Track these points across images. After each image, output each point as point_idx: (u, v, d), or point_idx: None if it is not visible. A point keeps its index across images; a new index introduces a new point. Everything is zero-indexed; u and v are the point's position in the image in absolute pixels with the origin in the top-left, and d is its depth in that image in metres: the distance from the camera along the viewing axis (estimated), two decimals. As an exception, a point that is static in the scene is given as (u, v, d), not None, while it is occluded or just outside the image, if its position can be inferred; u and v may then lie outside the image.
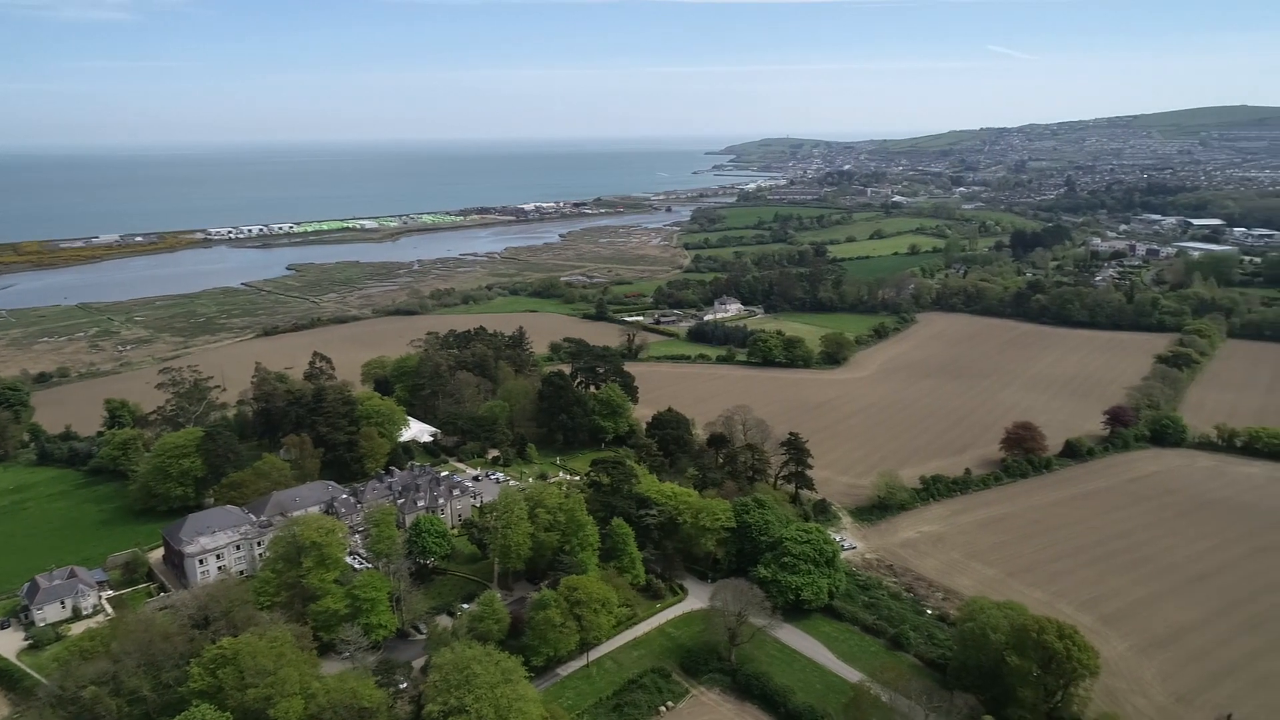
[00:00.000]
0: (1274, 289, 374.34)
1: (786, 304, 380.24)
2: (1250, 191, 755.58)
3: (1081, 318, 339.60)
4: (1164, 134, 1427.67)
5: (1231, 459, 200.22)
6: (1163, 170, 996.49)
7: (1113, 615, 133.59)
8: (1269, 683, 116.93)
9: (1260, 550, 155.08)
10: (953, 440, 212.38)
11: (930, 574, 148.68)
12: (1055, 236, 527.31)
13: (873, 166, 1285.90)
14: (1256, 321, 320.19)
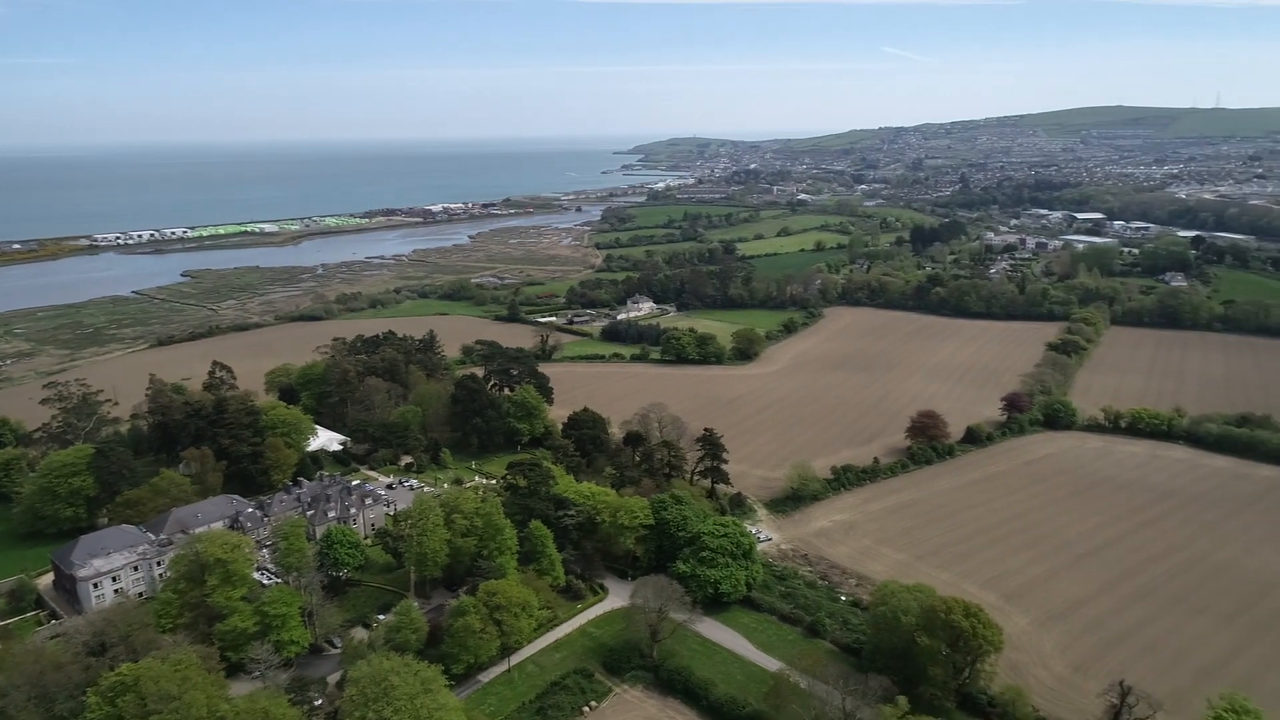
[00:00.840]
0: (1150, 278, 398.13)
1: (698, 301, 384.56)
2: (1127, 186, 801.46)
3: (978, 309, 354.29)
4: (1049, 133, 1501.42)
5: (1117, 439, 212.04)
6: (1048, 167, 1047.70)
7: (1014, 592, 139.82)
8: (1156, 648, 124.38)
9: (1144, 524, 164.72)
10: (861, 430, 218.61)
11: (843, 561, 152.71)
12: (952, 231, 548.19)
13: (778, 165, 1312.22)
14: (1136, 309, 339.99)
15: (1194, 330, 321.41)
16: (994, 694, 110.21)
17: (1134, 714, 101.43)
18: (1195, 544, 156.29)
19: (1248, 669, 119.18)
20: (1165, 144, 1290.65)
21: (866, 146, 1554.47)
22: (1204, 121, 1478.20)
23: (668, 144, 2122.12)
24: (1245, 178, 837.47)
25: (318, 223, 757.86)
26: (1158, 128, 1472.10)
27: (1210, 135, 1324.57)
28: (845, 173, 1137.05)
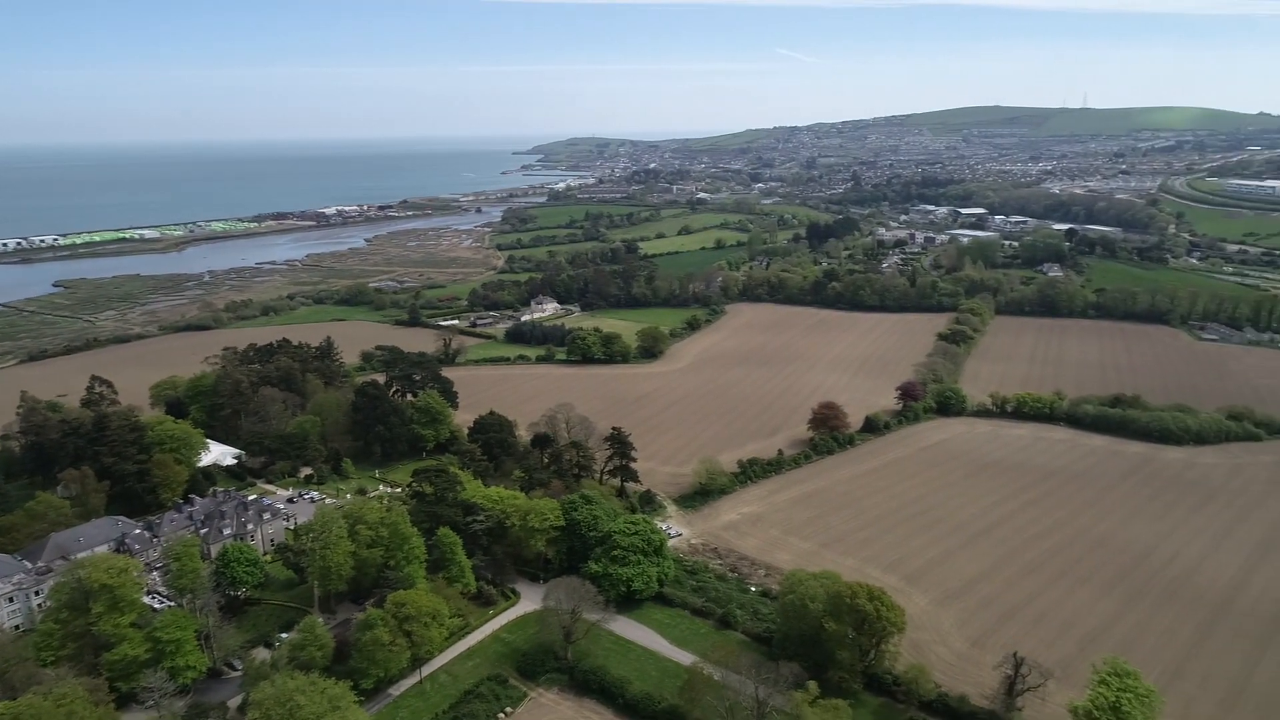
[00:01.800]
0: (1030, 269, 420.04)
1: (602, 301, 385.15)
2: (1006, 183, 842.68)
3: (872, 302, 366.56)
4: (934, 132, 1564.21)
5: (1004, 423, 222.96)
6: (934, 165, 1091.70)
7: (914, 574, 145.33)
8: (1045, 619, 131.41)
9: (1031, 503, 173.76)
10: (766, 423, 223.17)
11: (752, 553, 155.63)
12: (845, 228, 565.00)
13: (677, 165, 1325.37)
14: (1018, 299, 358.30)
15: (1070, 318, 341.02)
16: (898, 673, 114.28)
17: (1027, 683, 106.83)
18: (1077, 519, 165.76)
19: (1125, 634, 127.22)
20: (1039, 142, 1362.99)
21: (762, 146, 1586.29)
22: (1073, 120, 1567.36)
23: (567, 144, 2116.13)
24: (1111, 173, 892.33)
25: (203, 228, 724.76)
26: (1032, 126, 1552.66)
27: (1079, 133, 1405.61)
28: (743, 171, 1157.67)
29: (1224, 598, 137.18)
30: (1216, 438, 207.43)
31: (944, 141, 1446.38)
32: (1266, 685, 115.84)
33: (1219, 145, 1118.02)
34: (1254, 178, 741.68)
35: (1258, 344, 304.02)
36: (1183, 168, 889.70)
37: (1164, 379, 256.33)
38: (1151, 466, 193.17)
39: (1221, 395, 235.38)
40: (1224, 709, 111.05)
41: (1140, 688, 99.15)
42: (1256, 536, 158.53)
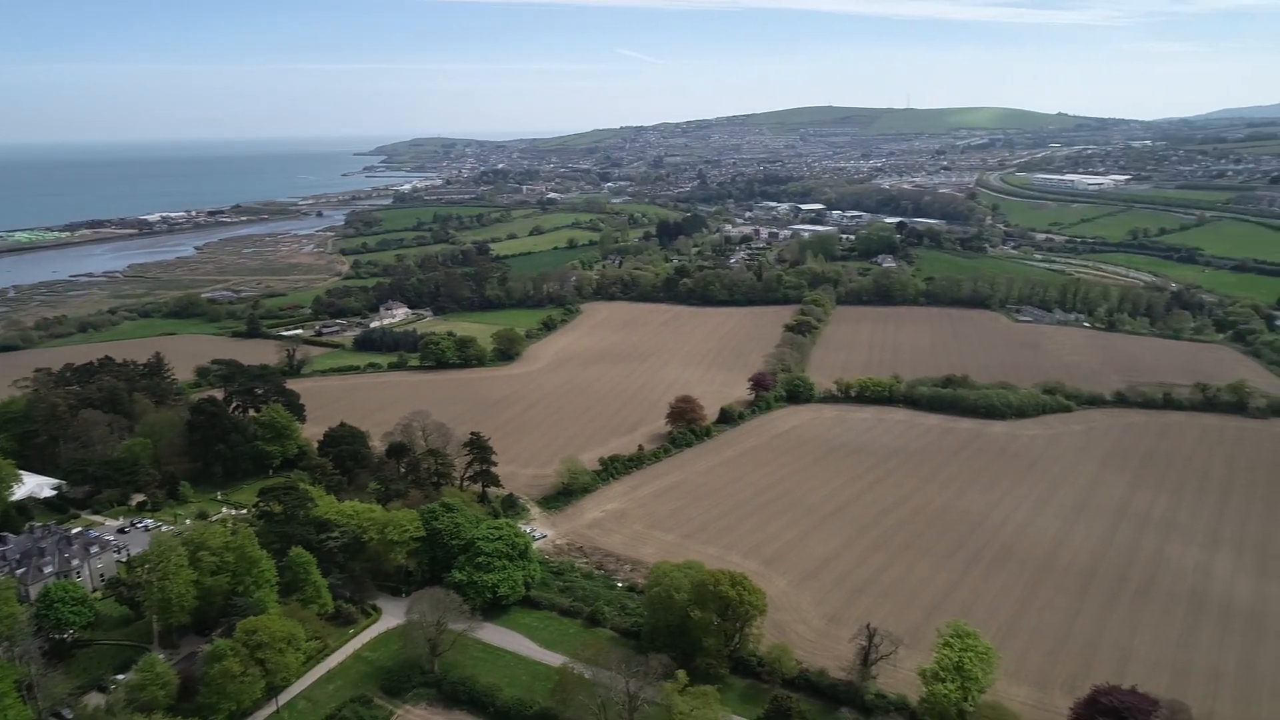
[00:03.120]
0: (866, 261, 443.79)
1: (455, 304, 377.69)
2: (841, 179, 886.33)
3: (723, 297, 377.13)
4: (773, 131, 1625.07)
5: (849, 407, 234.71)
6: (775, 163, 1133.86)
7: (773, 557, 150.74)
8: (892, 591, 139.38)
9: (876, 481, 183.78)
10: (625, 420, 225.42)
11: (617, 549, 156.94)
12: (694, 225, 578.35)
13: (526, 165, 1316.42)
14: (856, 289, 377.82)
15: (904, 305, 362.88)
16: (762, 654, 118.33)
17: (880, 652, 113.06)
18: (918, 494, 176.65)
19: (965, 598, 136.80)
20: (869, 140, 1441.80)
21: (610, 145, 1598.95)
22: (899, 120, 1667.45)
23: (411, 145, 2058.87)
24: (935, 169, 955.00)
25: (5, 239, 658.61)
26: (862, 125, 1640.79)
27: (905, 132, 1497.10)
28: (591, 171, 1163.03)
29: (1047, 557, 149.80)
30: (1035, 411, 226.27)
31: (783, 140, 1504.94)
32: (1085, 633, 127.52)
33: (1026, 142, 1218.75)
34: (1056, 172, 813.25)
35: (1065, 324, 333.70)
36: (995, 163, 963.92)
37: (987, 359, 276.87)
38: (980, 441, 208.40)
39: (1037, 372, 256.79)
40: (1051, 658, 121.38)
41: (980, 646, 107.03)
42: (1072, 499, 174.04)
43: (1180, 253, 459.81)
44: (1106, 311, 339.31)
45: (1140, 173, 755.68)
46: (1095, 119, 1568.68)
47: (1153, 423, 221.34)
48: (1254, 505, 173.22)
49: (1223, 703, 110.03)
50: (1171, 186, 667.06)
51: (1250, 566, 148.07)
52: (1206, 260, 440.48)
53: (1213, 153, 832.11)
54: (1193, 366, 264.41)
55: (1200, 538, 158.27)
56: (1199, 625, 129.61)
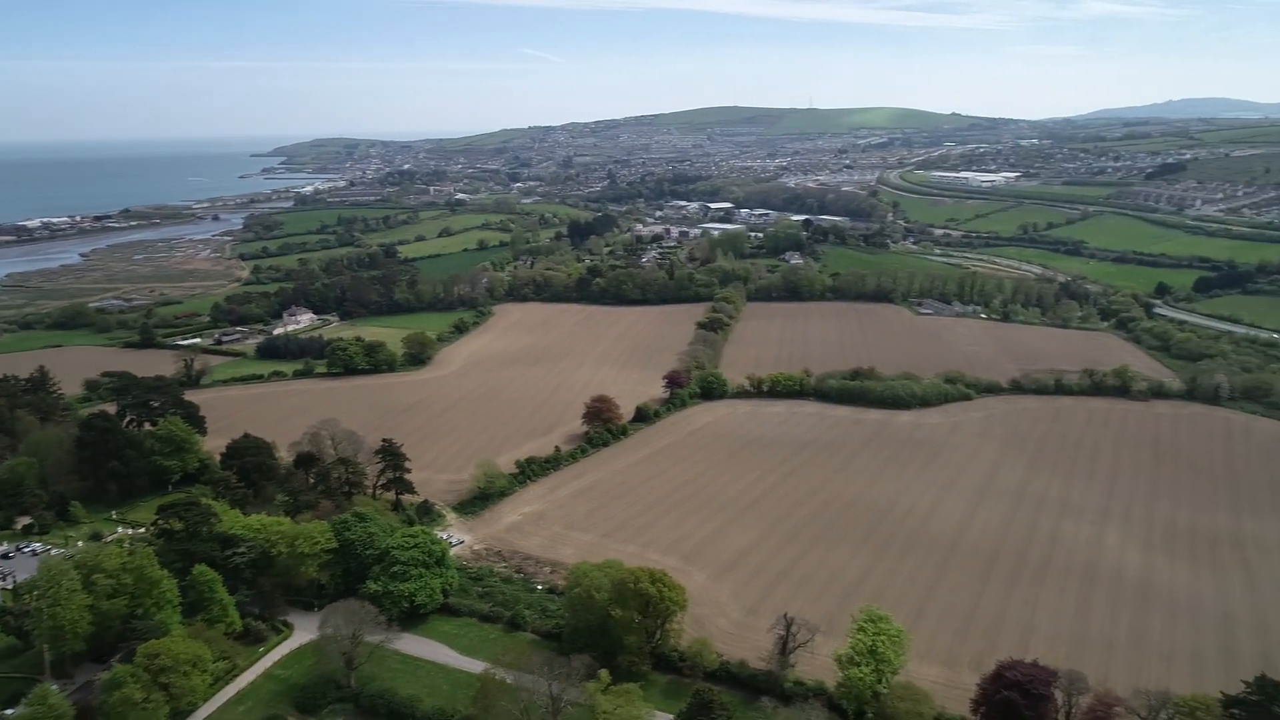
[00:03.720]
0: (774, 258, 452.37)
1: (362, 309, 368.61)
2: (749, 178, 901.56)
3: (635, 296, 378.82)
4: (681, 131, 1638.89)
5: (762, 402, 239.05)
6: (683, 162, 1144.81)
7: (691, 552, 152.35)
8: (808, 580, 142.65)
9: (790, 474, 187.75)
10: (541, 421, 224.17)
11: (537, 551, 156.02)
12: (605, 225, 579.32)
13: (433, 165, 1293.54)
14: (766, 286, 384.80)
15: (812, 301, 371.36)
16: (683, 649, 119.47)
17: (798, 640, 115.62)
18: (830, 485, 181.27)
19: (877, 583, 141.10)
20: (774, 140, 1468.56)
21: (518, 145, 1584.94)
22: (802, 120, 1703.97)
23: (312, 145, 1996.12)
24: (838, 168, 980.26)
25: None
26: (767, 125, 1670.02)
27: (808, 131, 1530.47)
28: (500, 171, 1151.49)
29: (952, 541, 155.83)
30: (938, 400, 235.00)
31: (691, 140, 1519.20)
32: (989, 611, 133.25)
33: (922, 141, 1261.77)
34: (951, 170, 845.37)
35: (964, 316, 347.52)
36: (895, 162, 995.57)
37: (892, 351, 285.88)
38: (888, 431, 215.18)
39: (939, 362, 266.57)
40: (959, 637, 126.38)
41: (892, 629, 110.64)
42: (974, 484, 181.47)
43: (1067, 246, 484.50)
44: (1001, 303, 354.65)
45: (1029, 170, 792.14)
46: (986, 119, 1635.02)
47: (1046, 408, 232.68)
48: (1139, 482, 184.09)
49: (1116, 670, 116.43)
50: (1058, 183, 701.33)
51: (1137, 540, 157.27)
52: (1091, 253, 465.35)
53: (1094, 151, 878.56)
54: (1080, 353, 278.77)
55: (1091, 515, 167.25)
56: (1092, 598, 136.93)
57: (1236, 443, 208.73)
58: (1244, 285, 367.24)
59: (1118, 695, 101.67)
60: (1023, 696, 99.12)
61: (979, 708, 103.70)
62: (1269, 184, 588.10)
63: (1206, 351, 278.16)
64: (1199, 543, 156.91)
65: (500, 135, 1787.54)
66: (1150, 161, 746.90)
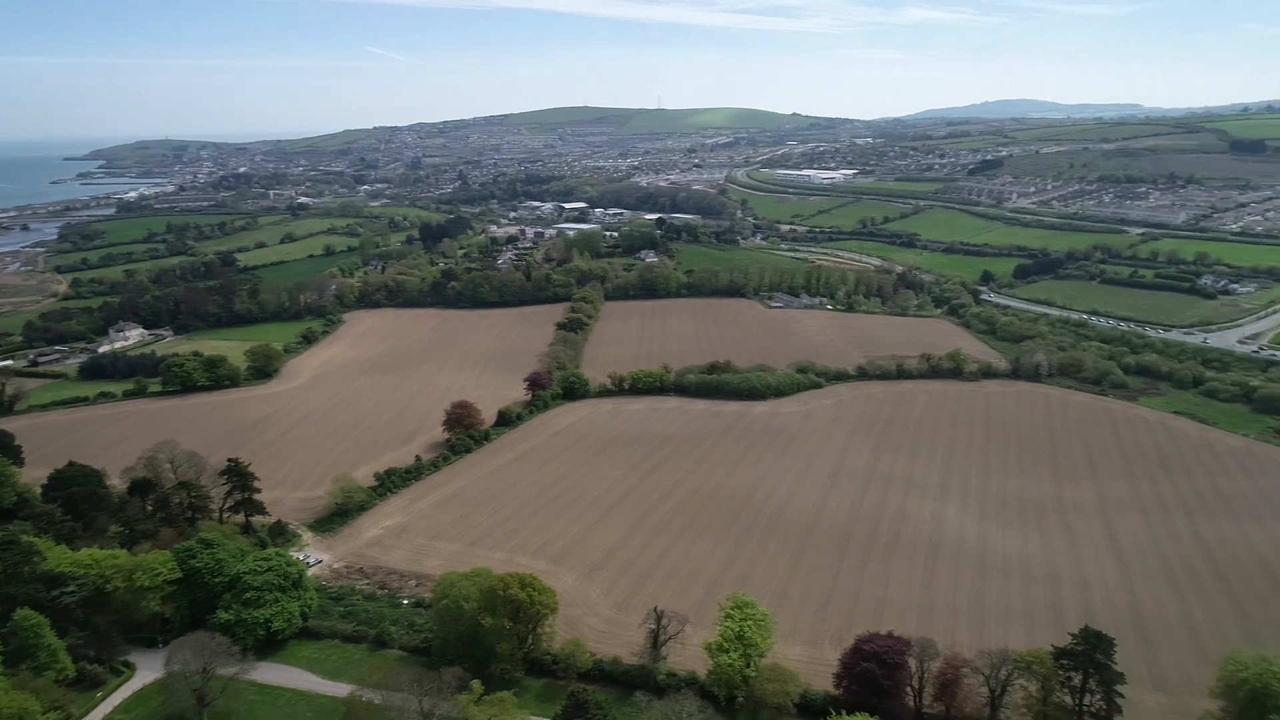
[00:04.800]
0: (630, 257, 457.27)
1: (199, 322, 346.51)
2: (602, 178, 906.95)
3: (493, 298, 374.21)
4: (531, 131, 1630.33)
5: (624, 400, 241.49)
6: (535, 163, 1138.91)
7: (560, 554, 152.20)
8: (676, 572, 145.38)
9: (654, 469, 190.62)
10: (399, 431, 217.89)
11: (401, 565, 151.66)
12: (458, 227, 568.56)
13: (271, 168, 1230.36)
14: (623, 284, 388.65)
15: (668, 298, 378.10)
16: (556, 652, 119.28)
17: (668, 633, 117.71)
18: (692, 477, 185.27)
19: (741, 570, 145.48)
20: (625, 139, 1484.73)
21: (364, 146, 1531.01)
22: (652, 120, 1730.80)
23: (135, 148, 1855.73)
24: (688, 167, 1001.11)
25: None
26: (618, 125, 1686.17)
27: (658, 131, 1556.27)
28: (345, 174, 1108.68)
29: (809, 524, 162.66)
30: (791, 389, 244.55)
31: (542, 140, 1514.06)
32: (846, 588, 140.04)
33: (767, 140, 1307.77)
34: (794, 168, 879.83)
35: (811, 307, 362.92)
36: (742, 160, 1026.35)
37: (746, 344, 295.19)
38: (745, 422, 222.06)
39: (790, 353, 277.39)
40: (820, 616, 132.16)
41: (758, 614, 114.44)
42: (827, 468, 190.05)
43: (902, 238, 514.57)
44: (846, 294, 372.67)
45: (865, 167, 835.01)
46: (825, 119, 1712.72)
47: (889, 392, 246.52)
48: (973, 457, 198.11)
49: (960, 633, 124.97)
50: (891, 179, 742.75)
51: (974, 511, 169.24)
52: (923, 244, 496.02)
53: (922, 149, 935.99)
54: (918, 339, 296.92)
55: (933, 491, 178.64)
56: (937, 569, 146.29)
57: (1055, 415, 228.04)
58: (1056, 271, 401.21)
59: (964, 657, 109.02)
60: (880, 667, 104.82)
61: (841, 681, 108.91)
62: (1073, 178, 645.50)
63: (1027, 333, 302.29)
64: (1027, 510, 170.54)
65: (344, 136, 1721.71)
66: (971, 158, 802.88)
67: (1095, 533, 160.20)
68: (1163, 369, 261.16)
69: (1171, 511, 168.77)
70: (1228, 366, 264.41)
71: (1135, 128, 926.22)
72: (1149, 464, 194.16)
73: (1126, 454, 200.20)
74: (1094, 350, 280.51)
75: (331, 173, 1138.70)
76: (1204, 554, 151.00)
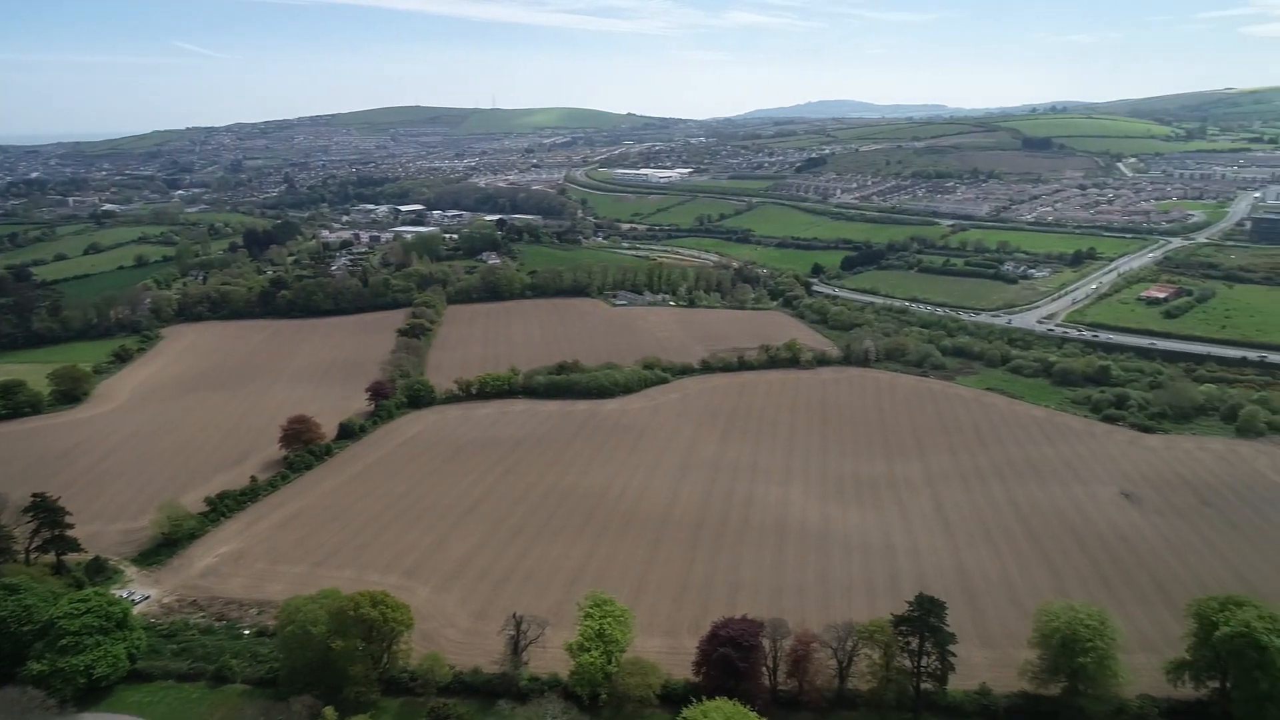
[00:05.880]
0: (471, 259, 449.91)
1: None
2: (438, 179, 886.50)
3: (328, 306, 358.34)
4: (361, 131, 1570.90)
5: (472, 405, 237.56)
6: (367, 164, 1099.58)
7: (413, 567, 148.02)
8: (534, 576, 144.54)
9: (506, 472, 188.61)
10: (231, 451, 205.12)
11: (240, 594, 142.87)
12: (287, 233, 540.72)
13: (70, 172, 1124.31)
14: (465, 287, 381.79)
15: (512, 300, 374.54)
16: (414, 669, 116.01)
17: (528, 637, 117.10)
18: (545, 479, 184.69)
19: (599, 567, 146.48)
20: (461, 140, 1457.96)
21: (176, 148, 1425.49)
22: (487, 120, 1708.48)
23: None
24: (526, 167, 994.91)
25: None
26: (453, 125, 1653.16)
27: (494, 131, 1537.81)
28: (157, 178, 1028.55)
29: (662, 516, 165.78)
30: (639, 386, 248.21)
31: (373, 141, 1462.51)
32: (701, 576, 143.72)
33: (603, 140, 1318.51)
34: (632, 167, 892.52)
35: (655, 304, 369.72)
36: (580, 160, 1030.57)
37: (593, 343, 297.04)
38: (596, 420, 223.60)
39: (637, 350, 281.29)
40: (677, 606, 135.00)
41: (617, 610, 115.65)
42: (677, 461, 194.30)
43: (737, 234, 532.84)
44: (687, 290, 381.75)
45: (699, 166, 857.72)
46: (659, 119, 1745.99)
47: (732, 383, 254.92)
48: (812, 441, 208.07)
49: (809, 611, 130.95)
50: (725, 177, 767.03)
51: (815, 493, 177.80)
52: (758, 240, 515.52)
53: (752, 148, 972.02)
54: (757, 331, 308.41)
55: (778, 476, 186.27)
56: (785, 550, 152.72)
57: (884, 398, 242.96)
58: (879, 262, 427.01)
59: (813, 633, 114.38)
60: (736, 650, 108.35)
61: (700, 668, 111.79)
62: (890, 175, 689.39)
63: (856, 321, 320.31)
64: (863, 488, 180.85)
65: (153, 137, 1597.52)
66: (798, 156, 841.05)
67: (924, 504, 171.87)
68: (975, 350, 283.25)
69: (988, 480, 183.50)
70: (1030, 345, 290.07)
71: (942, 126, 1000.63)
72: (967, 437, 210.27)
73: (948, 429, 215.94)
74: (915, 335, 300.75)
75: (141, 177, 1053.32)
76: (1017, 516, 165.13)
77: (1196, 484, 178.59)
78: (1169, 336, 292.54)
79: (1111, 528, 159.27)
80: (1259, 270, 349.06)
